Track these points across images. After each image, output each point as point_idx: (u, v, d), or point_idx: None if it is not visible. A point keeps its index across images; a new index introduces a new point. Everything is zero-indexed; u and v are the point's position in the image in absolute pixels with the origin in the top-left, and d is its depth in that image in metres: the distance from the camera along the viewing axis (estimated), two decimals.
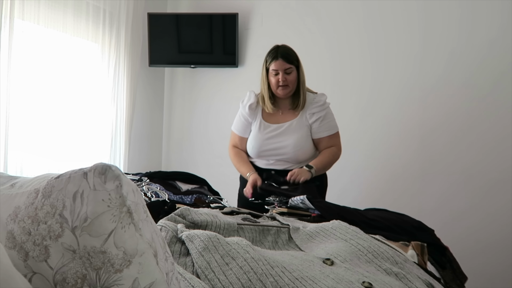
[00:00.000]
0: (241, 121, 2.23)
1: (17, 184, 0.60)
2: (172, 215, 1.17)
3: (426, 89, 2.89)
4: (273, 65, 2.09)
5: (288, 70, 2.10)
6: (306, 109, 2.14)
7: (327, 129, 2.16)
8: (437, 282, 1.14)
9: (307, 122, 2.14)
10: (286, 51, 2.12)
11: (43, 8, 2.75)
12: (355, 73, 3.12)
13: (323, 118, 2.14)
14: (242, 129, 2.23)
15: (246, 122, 2.22)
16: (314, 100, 2.16)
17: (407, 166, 2.93)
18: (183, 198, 1.88)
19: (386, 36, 3.02)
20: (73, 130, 2.98)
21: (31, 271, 0.51)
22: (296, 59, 2.14)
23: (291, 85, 2.12)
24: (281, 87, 2.10)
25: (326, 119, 2.16)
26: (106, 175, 0.53)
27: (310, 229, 1.27)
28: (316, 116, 2.13)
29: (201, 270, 0.85)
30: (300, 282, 0.88)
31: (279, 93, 2.13)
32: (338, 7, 3.17)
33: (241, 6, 3.51)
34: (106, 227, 0.50)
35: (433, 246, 1.48)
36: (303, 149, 2.12)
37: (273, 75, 2.11)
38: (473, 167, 2.74)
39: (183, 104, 3.84)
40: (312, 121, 2.13)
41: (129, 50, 3.31)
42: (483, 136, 2.72)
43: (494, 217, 2.66)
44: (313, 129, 2.14)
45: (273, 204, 1.79)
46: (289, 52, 2.13)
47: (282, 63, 2.08)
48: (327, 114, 2.16)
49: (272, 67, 2.10)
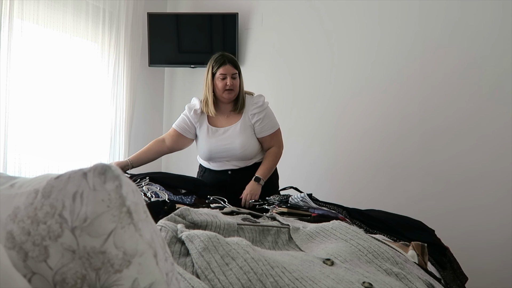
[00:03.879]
0: (185, 121, 2.39)
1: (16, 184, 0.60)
2: (172, 215, 1.17)
3: (426, 88, 2.89)
4: (222, 69, 2.24)
5: (234, 75, 2.26)
6: (247, 110, 2.30)
7: (268, 128, 2.32)
8: (437, 282, 1.14)
9: (250, 122, 2.30)
10: (232, 58, 2.29)
11: (43, 8, 2.75)
12: (354, 73, 3.12)
13: (263, 119, 2.29)
14: (184, 128, 2.39)
15: (189, 124, 2.37)
16: (253, 101, 2.31)
17: (407, 166, 2.93)
18: (183, 198, 1.88)
19: (386, 35, 3.02)
20: (72, 130, 2.97)
21: (31, 272, 0.51)
22: (239, 66, 2.32)
23: (236, 90, 2.27)
24: (227, 91, 2.25)
25: (266, 119, 2.31)
26: (106, 175, 0.52)
27: (310, 229, 1.27)
28: (257, 117, 2.29)
29: (201, 270, 0.85)
30: (300, 282, 0.88)
31: (225, 97, 2.28)
32: (338, 6, 3.17)
33: (241, 6, 3.51)
34: (105, 227, 0.50)
35: (433, 246, 1.48)
36: (250, 147, 2.28)
37: (220, 79, 2.25)
38: (474, 167, 2.74)
39: (183, 104, 3.82)
40: (254, 121, 2.29)
41: (129, 50, 3.31)
42: (484, 135, 2.72)
43: (494, 217, 2.66)
44: (256, 129, 2.30)
45: (273, 204, 1.79)
46: (235, 59, 2.32)
47: (230, 68, 2.24)
48: (266, 115, 2.31)
49: (220, 71, 2.24)
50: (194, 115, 2.35)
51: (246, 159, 2.30)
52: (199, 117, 2.35)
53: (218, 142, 2.28)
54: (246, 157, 2.29)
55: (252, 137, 2.30)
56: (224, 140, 2.27)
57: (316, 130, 3.23)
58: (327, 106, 3.20)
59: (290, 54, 3.34)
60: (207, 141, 2.30)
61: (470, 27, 2.77)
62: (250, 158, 2.31)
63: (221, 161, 2.31)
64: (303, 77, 3.30)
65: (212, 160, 2.33)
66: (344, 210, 1.61)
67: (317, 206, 1.63)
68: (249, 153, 2.29)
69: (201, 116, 2.35)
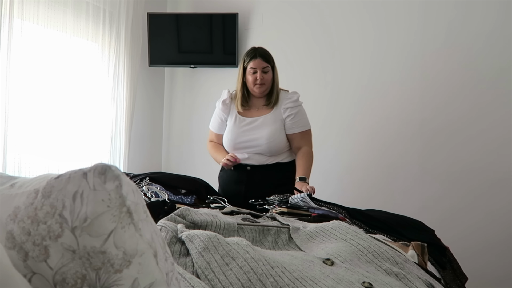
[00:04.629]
0: (217, 119, 2.35)
1: (16, 184, 0.60)
2: (172, 215, 1.17)
3: (426, 88, 2.89)
4: (252, 63, 2.21)
5: (265, 69, 2.22)
6: (281, 105, 2.25)
7: (300, 125, 2.26)
8: (437, 282, 1.14)
9: (281, 116, 2.24)
10: (264, 52, 2.25)
11: (43, 8, 2.75)
12: (354, 72, 3.12)
13: (295, 115, 2.25)
14: (218, 126, 2.35)
15: (221, 119, 2.33)
16: (287, 96, 2.28)
17: (406, 165, 2.93)
18: (183, 198, 1.88)
19: (386, 34, 3.02)
20: (72, 130, 2.97)
21: (31, 272, 0.51)
22: (272, 60, 2.27)
23: (267, 84, 2.24)
24: (258, 85, 2.22)
25: (299, 115, 2.26)
26: (106, 175, 0.53)
27: (310, 229, 1.27)
28: (290, 111, 2.24)
29: (201, 270, 0.85)
30: (300, 282, 0.88)
31: (256, 91, 2.25)
32: (338, 6, 3.17)
33: (241, 6, 3.51)
34: (106, 227, 0.50)
35: (433, 246, 1.48)
36: (276, 141, 2.21)
37: (251, 73, 2.22)
38: (473, 165, 2.74)
39: (183, 104, 3.84)
40: (285, 115, 2.24)
41: (129, 50, 3.31)
42: (482, 134, 2.72)
43: (494, 216, 2.66)
44: (287, 124, 2.24)
45: (273, 204, 1.79)
46: (267, 52, 2.27)
47: (260, 62, 2.21)
48: (300, 111, 2.27)
49: (250, 65, 2.22)
50: (223, 106, 2.31)
51: (270, 154, 2.23)
52: (229, 106, 2.31)
53: (245, 131, 2.23)
54: (270, 150, 2.21)
55: (281, 132, 2.23)
56: (251, 130, 2.22)
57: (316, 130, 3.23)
58: (328, 106, 3.20)
59: (290, 54, 3.34)
60: (233, 129, 2.25)
61: (469, 23, 2.77)
62: (274, 153, 2.23)
63: (243, 153, 2.24)
64: (303, 77, 3.29)
65: (235, 151, 2.26)
66: (344, 210, 1.61)
67: (317, 206, 1.63)
68: (274, 147, 2.21)
69: (230, 104, 2.31)
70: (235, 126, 2.26)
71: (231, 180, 2.27)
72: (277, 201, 1.77)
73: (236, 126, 2.25)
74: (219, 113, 2.33)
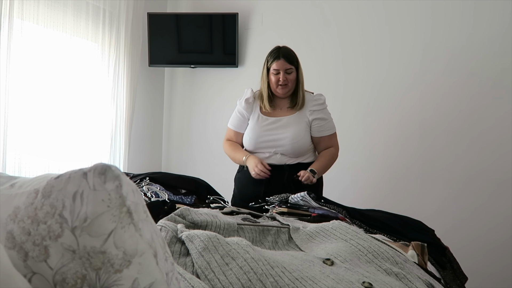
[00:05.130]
0: (237, 117, 2.29)
1: (16, 184, 0.60)
2: (172, 215, 1.17)
3: (426, 88, 2.89)
4: (275, 64, 2.15)
5: (288, 70, 2.16)
6: (306, 107, 2.20)
7: (328, 128, 2.22)
8: (437, 282, 1.14)
9: (307, 118, 2.19)
10: (287, 52, 2.18)
11: (43, 8, 2.75)
12: (355, 72, 3.12)
13: (323, 118, 2.20)
14: (238, 124, 2.29)
15: (242, 117, 2.27)
16: (313, 98, 2.22)
17: (408, 166, 2.93)
18: (183, 198, 1.88)
19: (387, 35, 3.02)
20: (72, 130, 2.97)
21: (31, 271, 0.51)
22: (296, 60, 2.20)
23: (291, 85, 2.18)
24: (281, 86, 2.17)
25: (326, 119, 2.23)
26: (106, 175, 0.53)
27: (310, 229, 1.27)
28: (317, 114, 2.19)
29: (201, 270, 0.85)
30: (300, 282, 0.88)
31: (279, 92, 2.19)
32: (338, 6, 3.17)
33: (241, 6, 3.51)
34: (106, 227, 0.50)
35: (433, 246, 1.48)
36: (300, 142, 2.15)
37: (274, 74, 2.17)
38: (475, 167, 2.74)
39: (183, 104, 3.84)
40: (312, 118, 2.19)
41: (129, 50, 3.31)
42: (484, 136, 2.72)
43: (494, 217, 2.66)
44: (314, 127, 2.19)
45: (273, 204, 1.79)
46: (290, 53, 2.19)
47: (284, 63, 2.14)
48: (326, 114, 2.24)
49: (273, 66, 2.16)
50: (246, 105, 2.24)
51: (293, 155, 2.16)
52: (252, 105, 2.24)
53: (267, 131, 2.17)
54: (294, 151, 2.15)
55: (306, 133, 2.17)
56: (275, 129, 2.16)
57: None
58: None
59: None
60: (255, 127, 2.19)
61: (471, 25, 2.77)
62: (298, 154, 2.17)
63: (265, 153, 2.18)
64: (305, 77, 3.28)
65: (255, 150, 2.20)
66: (344, 210, 1.61)
67: (317, 205, 1.63)
68: (298, 148, 2.15)
69: (253, 103, 2.25)
70: (257, 125, 2.19)
71: (249, 182, 2.18)
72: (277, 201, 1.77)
73: (259, 125, 2.19)
74: (241, 111, 2.26)
